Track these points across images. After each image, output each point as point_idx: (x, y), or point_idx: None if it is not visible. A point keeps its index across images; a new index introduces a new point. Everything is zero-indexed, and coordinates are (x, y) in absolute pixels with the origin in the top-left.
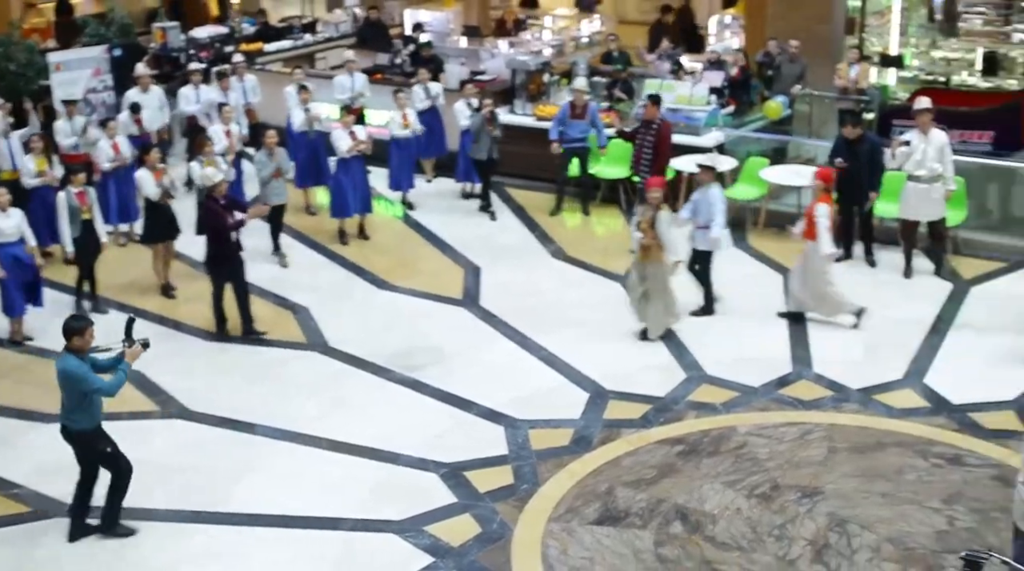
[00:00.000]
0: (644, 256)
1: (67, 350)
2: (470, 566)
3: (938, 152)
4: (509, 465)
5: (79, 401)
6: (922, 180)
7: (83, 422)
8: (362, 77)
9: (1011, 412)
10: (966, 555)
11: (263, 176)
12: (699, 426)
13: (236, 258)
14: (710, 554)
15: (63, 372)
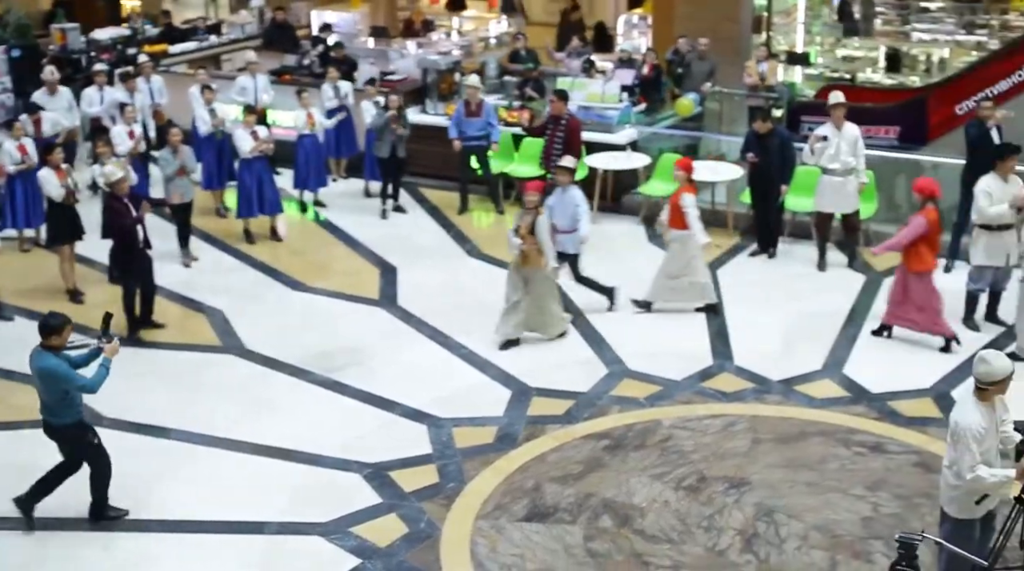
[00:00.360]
0: (524, 262)
1: (43, 348)
2: (399, 566)
3: (851, 146)
4: (434, 464)
5: (61, 398)
6: (836, 173)
7: (67, 416)
8: (264, 78)
9: (928, 399)
10: (900, 537)
11: (167, 174)
12: (623, 420)
13: (144, 257)
14: (640, 547)
15: (44, 370)
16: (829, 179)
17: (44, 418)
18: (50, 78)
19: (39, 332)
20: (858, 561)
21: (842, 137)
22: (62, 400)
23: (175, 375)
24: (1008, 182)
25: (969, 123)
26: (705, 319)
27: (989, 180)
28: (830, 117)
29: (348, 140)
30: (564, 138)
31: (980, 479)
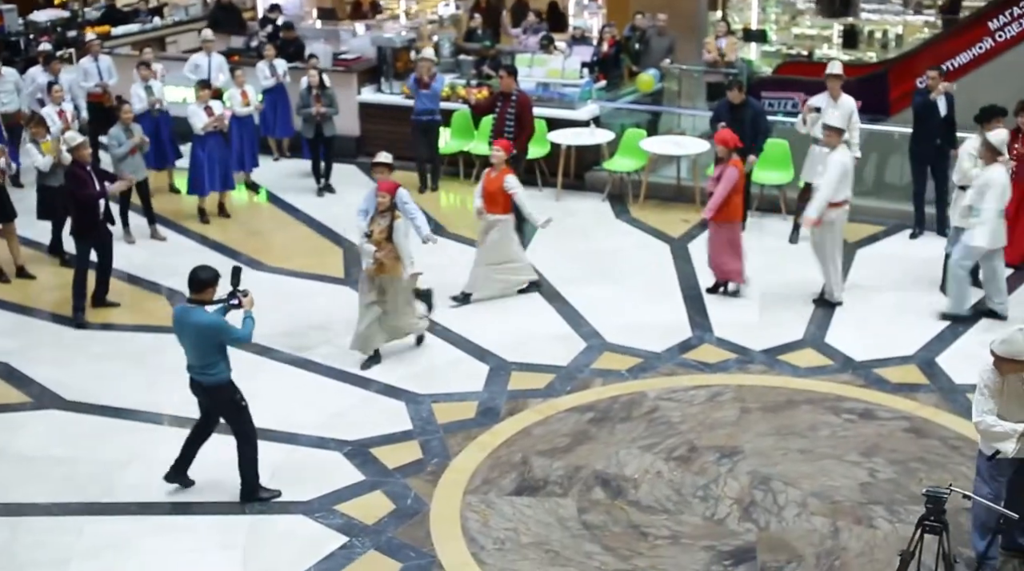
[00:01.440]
0: (379, 270)
1: (192, 302)
2: (389, 543)
3: (846, 117)
4: (416, 440)
5: (216, 352)
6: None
7: (222, 373)
8: (220, 57)
9: (913, 366)
10: (928, 491)
11: (119, 152)
12: (607, 393)
13: (104, 231)
14: (637, 518)
15: (200, 325)
16: (821, 150)
17: (195, 377)
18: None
19: (191, 287)
20: (860, 526)
21: (837, 108)
22: (216, 355)
23: (137, 357)
24: None
25: (915, 93)
26: (680, 292)
27: (975, 142)
28: (826, 88)
29: (285, 119)
30: (516, 114)
31: (985, 424)
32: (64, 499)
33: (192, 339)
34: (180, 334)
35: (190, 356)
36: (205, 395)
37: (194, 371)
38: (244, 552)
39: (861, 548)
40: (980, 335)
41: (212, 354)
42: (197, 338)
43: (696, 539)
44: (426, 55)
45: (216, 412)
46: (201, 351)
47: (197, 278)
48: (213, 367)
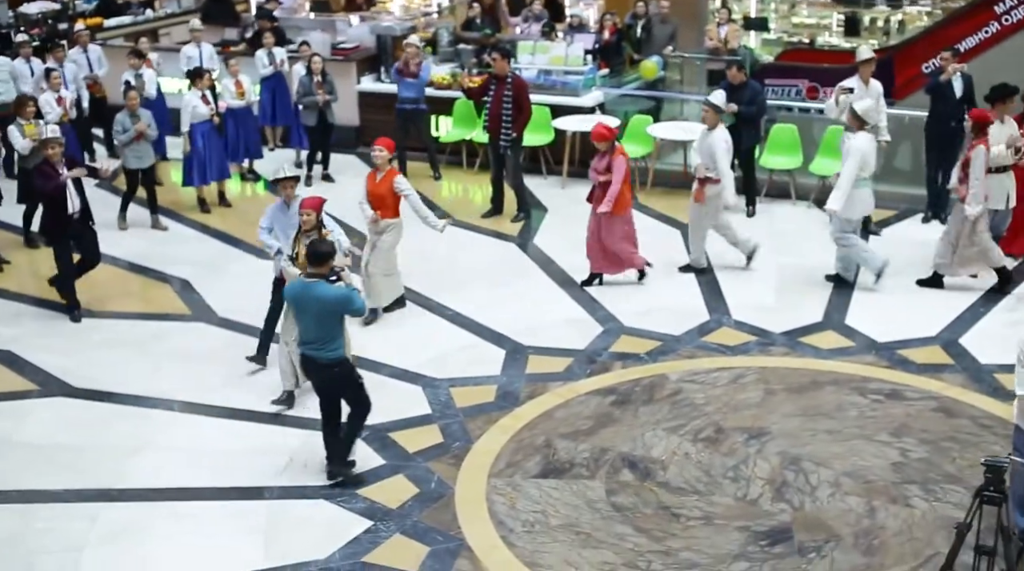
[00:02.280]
0: None
1: (311, 277)
2: (415, 527)
3: (876, 103)
4: (435, 424)
5: (337, 326)
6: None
7: (339, 349)
8: (210, 47)
9: (936, 347)
10: (986, 461)
11: (123, 138)
12: (628, 376)
13: (79, 227)
14: (667, 499)
15: (325, 298)
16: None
17: (310, 354)
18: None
19: (312, 261)
20: (896, 506)
21: (868, 93)
22: (337, 329)
23: (141, 344)
24: (1005, 123)
25: (930, 75)
26: (695, 276)
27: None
28: (857, 72)
29: (284, 107)
30: (512, 98)
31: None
32: (75, 486)
33: (315, 313)
34: (301, 310)
35: (309, 332)
36: (320, 372)
37: (311, 347)
38: (265, 536)
39: (899, 527)
40: (1002, 315)
41: (333, 328)
42: (321, 312)
43: (729, 520)
44: (411, 41)
45: (333, 390)
46: (323, 325)
47: (318, 251)
48: (333, 342)
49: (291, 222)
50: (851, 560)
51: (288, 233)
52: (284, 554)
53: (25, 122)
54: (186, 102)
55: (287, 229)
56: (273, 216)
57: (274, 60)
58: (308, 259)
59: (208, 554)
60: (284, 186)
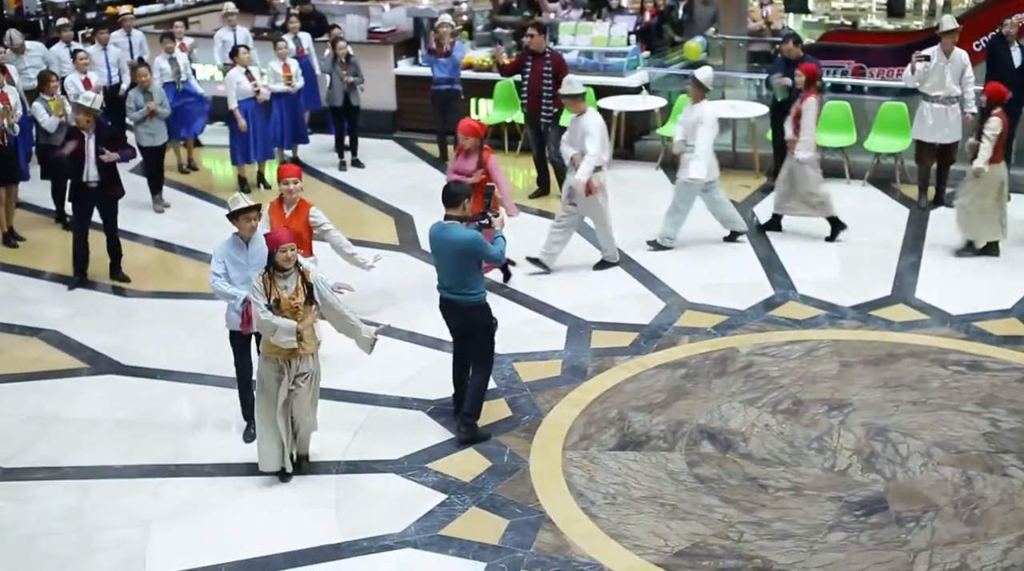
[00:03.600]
0: (291, 352)
1: (447, 219)
2: (491, 500)
3: (957, 74)
4: (502, 398)
5: (473, 270)
6: (938, 100)
7: (480, 294)
8: (244, 31)
9: (1014, 319)
10: None
11: (136, 116)
12: (696, 349)
13: (96, 196)
14: (752, 471)
15: (456, 240)
16: (930, 107)
17: (449, 297)
18: (18, 39)
19: (445, 201)
20: (993, 475)
21: (949, 64)
22: (473, 274)
23: (190, 322)
24: None
25: (990, 40)
26: (753, 252)
27: None
28: (939, 44)
29: (311, 93)
30: (552, 73)
31: None
32: (134, 462)
33: (449, 256)
34: (437, 253)
35: (445, 275)
36: (459, 315)
37: (449, 291)
38: (337, 511)
39: (999, 497)
40: None
41: (469, 272)
42: (454, 254)
43: (820, 490)
44: (444, 20)
45: (468, 332)
46: (458, 269)
47: (449, 192)
48: (471, 287)
49: (252, 262)
50: (952, 530)
51: (247, 275)
52: (358, 528)
53: (49, 98)
54: (230, 78)
55: (246, 271)
56: (226, 256)
57: (300, 45)
58: (442, 200)
59: (278, 529)
60: (245, 219)
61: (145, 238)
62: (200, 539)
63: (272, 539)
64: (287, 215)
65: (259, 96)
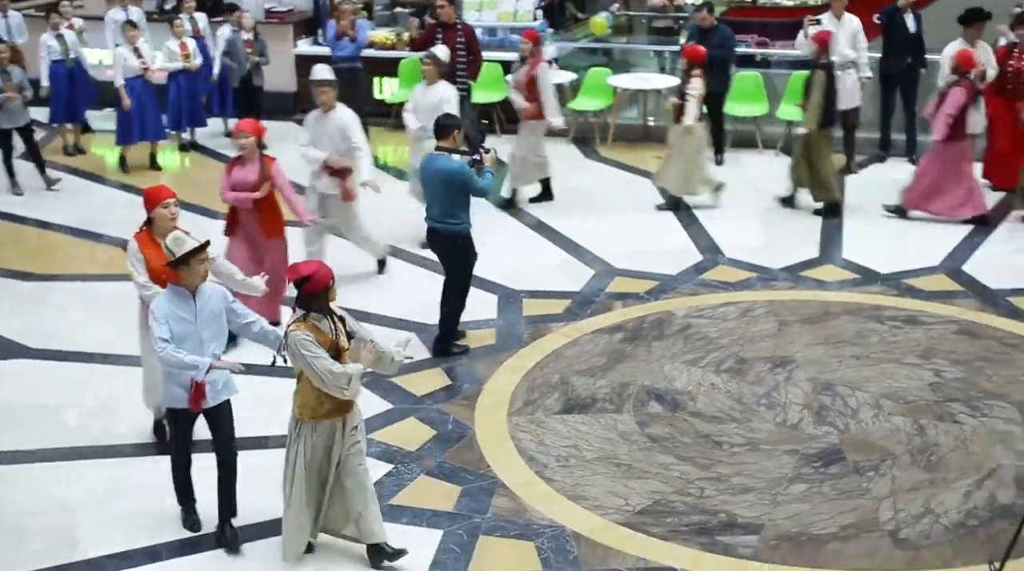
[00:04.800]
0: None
1: (439, 150)
2: (440, 468)
3: (850, 38)
4: (439, 367)
5: (460, 201)
6: (833, 67)
7: (464, 225)
8: (138, 10)
9: (942, 275)
10: None
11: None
12: (631, 314)
13: None
14: (704, 428)
15: (446, 171)
16: (844, 74)
17: (435, 226)
18: None
19: (436, 133)
20: (944, 423)
21: (841, 28)
22: (459, 206)
23: (101, 304)
24: (976, 47)
25: (883, 10)
26: (676, 219)
27: (956, 45)
28: (829, 7)
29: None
30: (465, 45)
31: None
32: (56, 445)
33: (437, 186)
34: (426, 183)
35: (433, 204)
36: (441, 240)
37: (435, 220)
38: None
39: (953, 443)
40: (1000, 245)
41: (455, 202)
42: (442, 185)
43: (775, 444)
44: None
45: (449, 256)
46: (445, 198)
47: (439, 124)
48: (455, 217)
49: (201, 317)
50: (912, 476)
51: (200, 336)
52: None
53: None
54: (117, 55)
55: (197, 330)
56: (168, 315)
57: (196, 26)
58: (434, 132)
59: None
60: (198, 262)
61: (40, 223)
62: (131, 520)
63: (210, 513)
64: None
65: (147, 74)
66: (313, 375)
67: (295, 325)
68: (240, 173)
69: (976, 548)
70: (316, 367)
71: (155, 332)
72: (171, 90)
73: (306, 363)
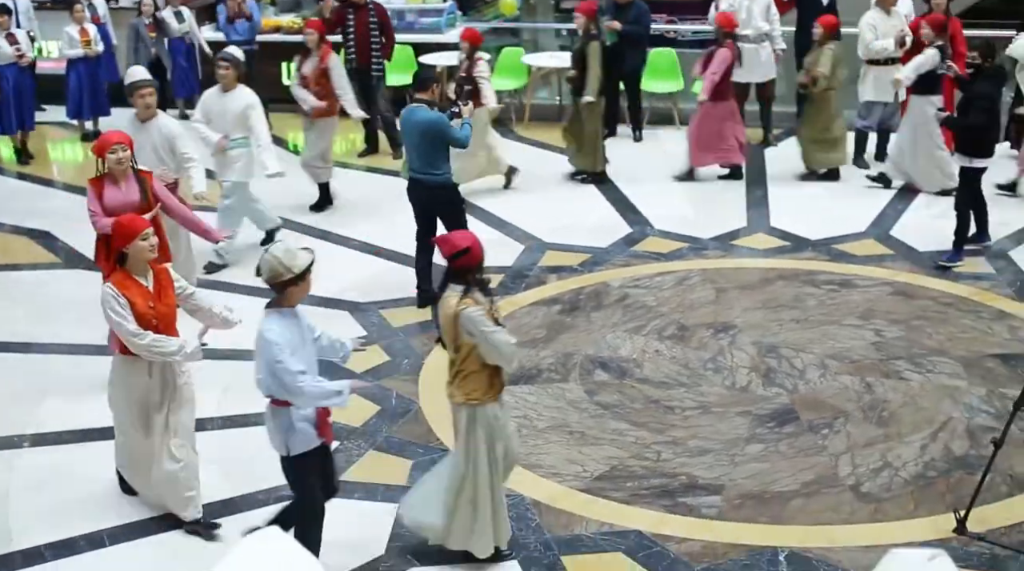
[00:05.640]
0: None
1: (417, 102)
2: (388, 442)
3: (764, 10)
4: (376, 344)
5: (440, 152)
6: (748, 40)
7: (446, 174)
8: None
9: (871, 240)
10: None
11: None
12: (567, 286)
13: None
14: (654, 394)
15: (424, 122)
16: (742, 46)
17: (417, 178)
18: None
19: (414, 85)
20: (891, 380)
21: (754, 1)
22: (440, 155)
23: (17, 294)
24: (891, 16)
25: None
26: (601, 192)
27: (872, 14)
28: None
29: (109, 63)
30: (378, 25)
31: None
32: None
33: (416, 137)
34: (406, 134)
35: (414, 156)
36: (426, 192)
37: (417, 171)
38: (220, 467)
39: (902, 399)
40: (922, 210)
41: (435, 154)
42: (420, 136)
43: (727, 407)
44: None
45: (434, 208)
46: (425, 150)
47: (418, 76)
48: (437, 167)
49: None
50: (866, 432)
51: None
52: (250, 482)
53: None
54: None
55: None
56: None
57: (95, 12)
58: (412, 83)
59: None
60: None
61: None
62: (67, 508)
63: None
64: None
65: (21, 60)
66: (492, 350)
67: (464, 302)
68: (119, 193)
69: (937, 499)
70: (497, 342)
71: (288, 365)
72: (71, 78)
73: (485, 339)
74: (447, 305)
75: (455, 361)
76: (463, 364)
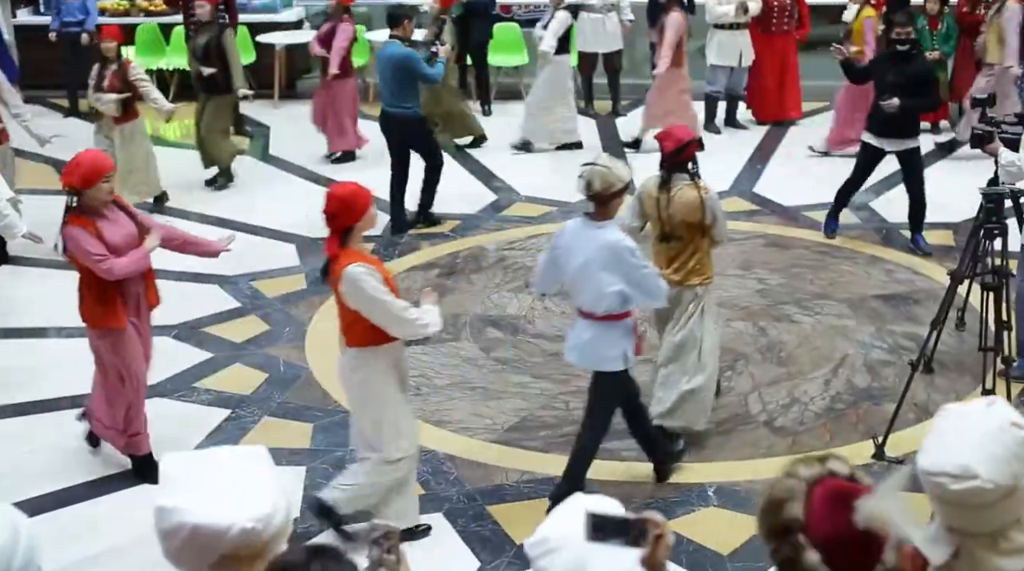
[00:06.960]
0: None
1: (392, 38)
2: (283, 408)
3: None
4: (253, 314)
5: (410, 87)
6: (594, 10)
7: (412, 105)
8: None
9: (735, 197)
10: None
11: None
12: (441, 251)
13: None
14: (551, 348)
15: (394, 56)
16: (588, 16)
17: (388, 111)
18: None
19: (388, 21)
20: (783, 323)
21: None
22: (410, 89)
23: None
24: None
25: None
26: (460, 165)
27: None
28: None
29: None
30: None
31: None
32: None
33: (388, 71)
34: (380, 71)
35: (385, 90)
36: (397, 126)
37: (388, 105)
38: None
39: (797, 341)
40: (781, 168)
41: (406, 88)
42: (393, 70)
43: None
44: None
45: (406, 143)
46: (396, 84)
47: (391, 13)
48: (406, 101)
49: None
50: (769, 372)
51: None
52: None
53: None
54: None
55: None
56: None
57: None
58: (386, 21)
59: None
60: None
61: None
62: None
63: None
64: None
65: None
66: (723, 228)
67: (698, 188)
68: (113, 228)
69: (850, 428)
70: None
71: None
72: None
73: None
74: (686, 194)
75: (681, 252)
76: (697, 249)
